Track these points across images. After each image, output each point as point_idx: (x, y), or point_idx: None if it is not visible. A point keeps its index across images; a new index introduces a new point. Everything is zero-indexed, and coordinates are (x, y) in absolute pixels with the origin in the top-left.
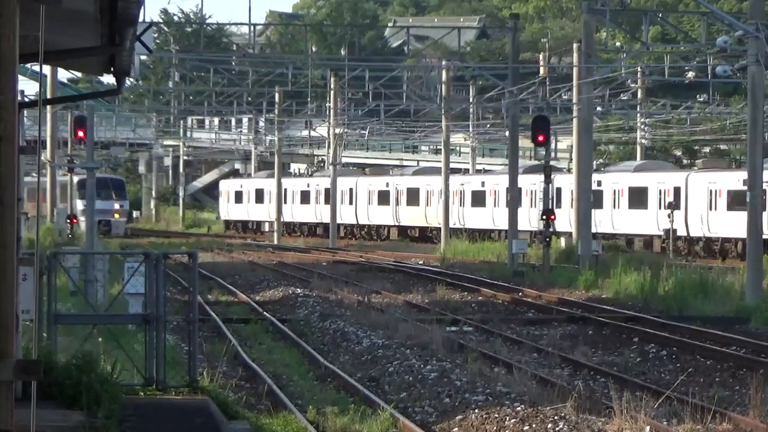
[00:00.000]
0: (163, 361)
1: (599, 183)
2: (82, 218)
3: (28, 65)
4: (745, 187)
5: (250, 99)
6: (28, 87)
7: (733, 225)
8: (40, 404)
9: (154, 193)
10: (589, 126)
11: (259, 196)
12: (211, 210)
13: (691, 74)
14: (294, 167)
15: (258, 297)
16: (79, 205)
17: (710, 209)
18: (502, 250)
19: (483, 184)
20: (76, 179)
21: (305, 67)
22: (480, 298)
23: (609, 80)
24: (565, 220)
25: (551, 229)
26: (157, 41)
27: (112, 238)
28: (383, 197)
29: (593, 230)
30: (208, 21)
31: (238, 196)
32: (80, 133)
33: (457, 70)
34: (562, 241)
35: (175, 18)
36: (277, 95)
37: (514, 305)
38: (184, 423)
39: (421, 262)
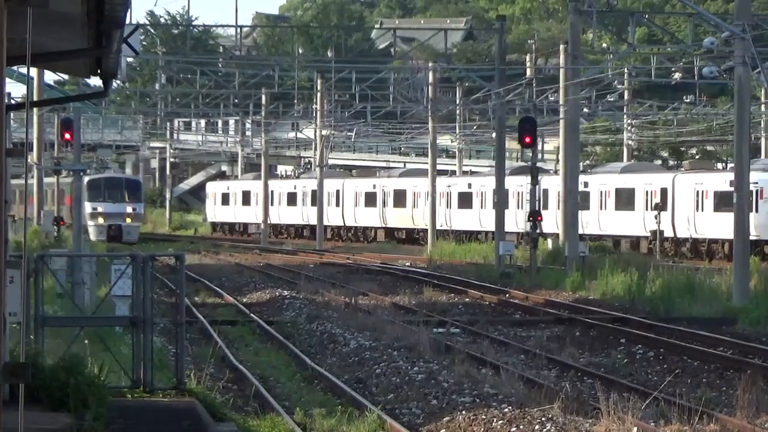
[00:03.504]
0: (150, 363)
1: (586, 184)
2: (90, 222)
3: (15, 67)
4: (732, 188)
5: (236, 101)
6: (14, 89)
7: (720, 226)
8: (28, 407)
9: None
10: (576, 127)
11: (246, 198)
12: (198, 212)
13: (677, 75)
14: (281, 169)
15: (245, 299)
16: (88, 207)
17: (697, 210)
18: (489, 252)
19: (470, 185)
20: (85, 180)
21: (292, 69)
22: (467, 299)
23: (595, 81)
24: (552, 221)
25: (538, 231)
26: (144, 43)
27: (123, 244)
28: (370, 199)
29: (580, 231)
30: (194, 23)
31: (225, 198)
32: (67, 136)
33: (443, 71)
34: (549, 242)
35: (162, 20)
36: (263, 97)
37: (501, 307)
38: (171, 425)
39: (408, 264)
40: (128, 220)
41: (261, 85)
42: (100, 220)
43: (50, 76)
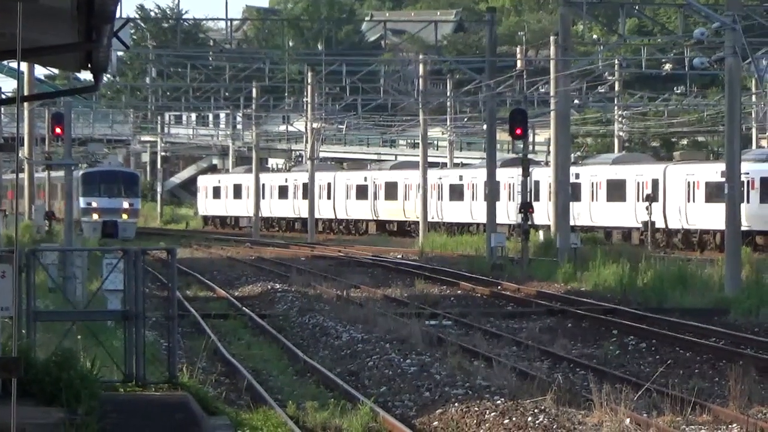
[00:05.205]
0: (143, 357)
1: (577, 176)
2: (84, 218)
3: (5, 62)
4: (723, 179)
5: (227, 94)
6: (4, 84)
7: (712, 216)
8: (20, 401)
9: None
10: (567, 119)
11: (237, 191)
12: (189, 206)
13: (668, 66)
14: (272, 162)
15: (237, 292)
16: (81, 203)
17: (688, 201)
18: (480, 244)
19: (461, 177)
20: (80, 173)
21: (282, 62)
22: (459, 291)
23: (586, 73)
24: (544, 213)
25: (529, 223)
26: (134, 37)
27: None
28: (361, 192)
29: (572, 223)
30: (184, 16)
31: (216, 192)
32: (58, 130)
33: (434, 63)
34: (541, 234)
35: (152, 14)
36: (254, 90)
37: (493, 299)
38: (164, 419)
39: (399, 257)
40: (124, 216)
41: (251, 79)
42: (95, 216)
43: (40, 71)
